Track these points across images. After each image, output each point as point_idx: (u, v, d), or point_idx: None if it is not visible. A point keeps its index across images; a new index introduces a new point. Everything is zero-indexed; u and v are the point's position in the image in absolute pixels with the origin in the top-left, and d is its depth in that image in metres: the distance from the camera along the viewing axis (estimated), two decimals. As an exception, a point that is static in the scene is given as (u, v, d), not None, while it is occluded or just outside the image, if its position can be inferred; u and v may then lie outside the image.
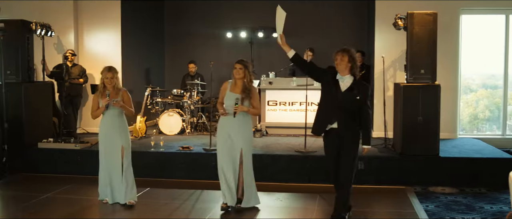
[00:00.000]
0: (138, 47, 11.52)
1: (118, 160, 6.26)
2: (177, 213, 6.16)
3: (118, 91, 6.32)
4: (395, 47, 9.23)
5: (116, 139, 6.25)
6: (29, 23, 8.83)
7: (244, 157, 6.00)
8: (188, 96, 10.36)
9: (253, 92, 5.99)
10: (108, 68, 6.30)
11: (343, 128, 5.35)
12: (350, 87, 5.31)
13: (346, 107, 5.31)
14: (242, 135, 5.99)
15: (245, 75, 5.92)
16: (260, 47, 12.64)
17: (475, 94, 10.37)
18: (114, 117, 6.28)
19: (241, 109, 5.87)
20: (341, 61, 5.29)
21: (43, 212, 6.20)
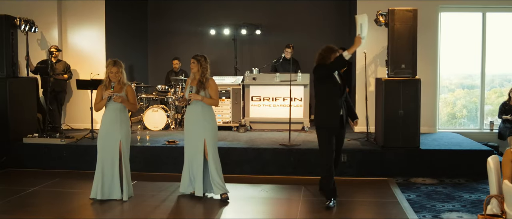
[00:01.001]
0: (121, 44, 11.53)
1: (116, 155, 6.26)
2: (165, 203, 6.26)
3: (123, 86, 6.33)
4: (376, 44, 9.42)
5: (116, 133, 6.25)
6: (13, 18, 8.83)
7: (208, 146, 6.29)
8: (172, 92, 10.44)
9: (209, 84, 6.37)
10: (113, 62, 6.31)
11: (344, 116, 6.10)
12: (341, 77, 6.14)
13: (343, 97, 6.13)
14: (203, 125, 6.32)
15: (198, 68, 6.33)
16: (243, 44, 12.76)
17: (453, 94, 10.63)
18: (115, 111, 6.28)
19: (194, 97, 6.27)
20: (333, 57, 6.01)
21: (30, 205, 6.25)
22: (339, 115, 5.99)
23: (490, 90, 10.36)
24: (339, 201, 6.29)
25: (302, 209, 5.98)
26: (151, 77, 13.14)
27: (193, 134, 6.34)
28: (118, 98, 6.22)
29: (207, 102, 6.33)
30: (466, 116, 10.46)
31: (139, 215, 5.79)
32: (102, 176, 6.27)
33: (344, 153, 7.64)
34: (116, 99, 6.21)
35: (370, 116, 8.90)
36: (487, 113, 10.24)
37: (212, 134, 6.36)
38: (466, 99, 10.46)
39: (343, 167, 7.61)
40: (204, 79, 6.32)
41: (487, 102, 10.28)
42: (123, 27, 11.68)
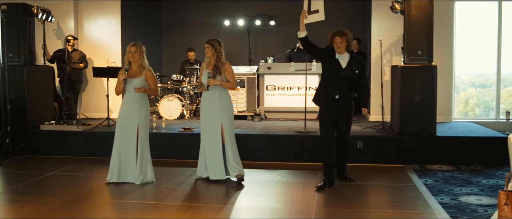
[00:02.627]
0: (136, 33, 11.56)
1: (133, 138, 6.26)
2: (182, 187, 6.29)
3: (142, 69, 6.31)
4: (392, 32, 9.38)
5: (134, 116, 6.26)
6: (30, 7, 8.91)
7: (225, 130, 6.31)
8: (187, 81, 10.47)
9: (225, 68, 6.37)
10: (133, 43, 6.32)
11: (343, 99, 5.99)
12: (349, 63, 5.99)
13: (347, 81, 5.99)
14: (220, 109, 6.33)
15: (213, 53, 6.32)
16: (257, 34, 12.77)
17: (465, 92, 10.54)
18: (135, 95, 6.27)
19: (213, 82, 6.27)
20: (341, 44, 5.94)
21: (48, 187, 6.34)
22: (330, 95, 5.96)
23: (503, 88, 10.20)
24: (354, 184, 6.29)
25: (319, 192, 5.96)
26: (166, 67, 13.20)
27: (210, 118, 6.34)
28: (140, 90, 6.22)
29: (225, 86, 6.35)
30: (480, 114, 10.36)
31: (156, 197, 5.82)
32: (119, 158, 6.30)
33: (360, 139, 7.63)
34: (138, 90, 6.21)
35: (386, 105, 8.86)
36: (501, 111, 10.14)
37: (229, 118, 6.38)
38: (479, 98, 10.38)
39: (358, 153, 7.61)
40: (220, 63, 6.31)
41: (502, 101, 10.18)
42: (138, 17, 11.75)
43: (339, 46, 5.94)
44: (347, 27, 12.00)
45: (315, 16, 6.07)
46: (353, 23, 12.33)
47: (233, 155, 6.35)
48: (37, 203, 5.57)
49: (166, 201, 5.65)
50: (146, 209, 5.35)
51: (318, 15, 6.09)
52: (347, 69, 5.96)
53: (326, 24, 12.29)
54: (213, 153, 6.35)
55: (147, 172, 6.39)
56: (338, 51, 5.97)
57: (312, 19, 6.05)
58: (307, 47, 6.18)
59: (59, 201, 5.63)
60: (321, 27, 6.42)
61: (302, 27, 6.00)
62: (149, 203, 5.57)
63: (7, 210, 5.50)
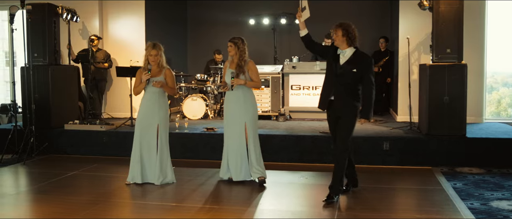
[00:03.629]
0: (161, 33, 11.56)
1: (153, 139, 6.21)
2: (203, 187, 6.20)
3: (161, 69, 6.26)
4: (420, 30, 9.14)
5: (154, 116, 6.20)
6: (55, 7, 8.95)
7: (248, 131, 6.17)
8: (211, 81, 10.40)
9: (249, 66, 6.22)
10: (153, 45, 6.24)
11: (339, 101, 5.42)
12: (348, 61, 5.37)
13: (343, 81, 5.37)
14: (244, 109, 6.19)
15: (235, 51, 6.18)
16: (283, 33, 12.62)
17: (497, 92, 10.21)
18: (154, 94, 6.22)
19: (237, 82, 6.12)
20: (336, 36, 5.41)
21: (69, 187, 6.33)
22: (326, 97, 5.49)
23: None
24: (380, 187, 6.11)
25: (344, 195, 5.79)
26: (191, 66, 13.17)
27: (234, 118, 6.22)
28: (158, 84, 6.15)
29: (249, 86, 6.21)
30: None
31: (177, 198, 5.74)
32: (140, 159, 6.24)
33: (386, 140, 7.42)
34: (156, 85, 6.15)
35: (414, 105, 8.62)
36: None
37: (253, 118, 6.24)
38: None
39: (384, 155, 7.40)
40: (243, 62, 6.18)
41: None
42: (163, 16, 11.73)
43: (335, 39, 5.40)
44: (375, 26, 11.98)
45: (305, 14, 5.76)
46: (381, 22, 12.14)
47: (255, 156, 6.22)
48: (57, 202, 5.56)
49: (187, 202, 5.55)
50: (166, 210, 5.26)
51: (306, 12, 5.77)
52: (345, 66, 5.36)
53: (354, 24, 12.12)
54: (237, 154, 6.22)
55: (167, 172, 6.32)
56: (337, 45, 5.43)
57: (304, 17, 5.74)
58: (309, 46, 5.76)
59: (79, 201, 5.60)
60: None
61: (301, 26, 5.67)
62: (169, 205, 5.49)
63: (28, 210, 5.53)
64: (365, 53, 5.51)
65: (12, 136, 8.22)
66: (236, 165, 6.25)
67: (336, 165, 5.47)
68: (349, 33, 5.34)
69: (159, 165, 6.21)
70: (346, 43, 5.37)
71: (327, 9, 12.16)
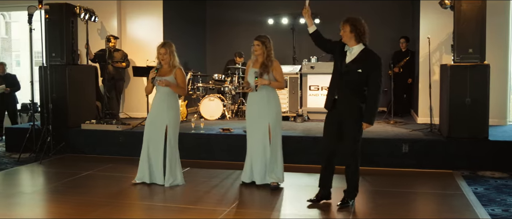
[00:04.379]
0: (179, 33, 11.54)
1: (161, 139, 6.13)
2: (216, 189, 6.11)
3: (172, 68, 6.16)
4: (441, 30, 8.92)
5: (163, 117, 6.12)
6: (73, 7, 8.96)
7: (272, 132, 6.00)
8: (229, 81, 10.32)
9: (274, 66, 6.01)
10: (162, 44, 6.18)
11: (343, 102, 5.09)
12: (355, 59, 5.04)
13: (348, 80, 5.04)
14: (268, 110, 6.00)
15: (263, 51, 5.95)
16: (302, 33, 12.44)
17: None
18: (163, 94, 6.14)
19: (261, 82, 5.91)
20: (343, 32, 5.06)
21: (84, 187, 6.31)
22: (330, 97, 5.17)
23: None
24: (397, 191, 5.95)
25: (360, 199, 5.65)
26: (209, 66, 13.13)
27: (257, 120, 6.04)
28: (162, 83, 6.05)
29: (274, 86, 6.01)
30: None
31: (190, 200, 5.65)
32: (148, 159, 6.19)
33: (405, 143, 7.25)
34: (160, 83, 6.05)
35: (434, 107, 8.42)
36: None
37: (277, 119, 6.05)
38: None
39: (403, 157, 7.23)
40: (269, 62, 5.98)
41: None
42: (181, 16, 11.70)
43: (342, 36, 5.05)
44: (395, 26, 11.76)
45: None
46: (401, 21, 11.95)
47: (277, 159, 6.05)
48: (69, 203, 5.54)
49: (200, 205, 5.48)
50: (178, 212, 5.19)
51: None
52: (350, 65, 5.03)
53: (375, 23, 11.97)
54: (261, 156, 6.04)
55: (177, 174, 6.23)
56: (344, 41, 5.08)
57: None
58: (318, 43, 5.43)
59: (92, 201, 5.56)
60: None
61: (309, 22, 5.34)
62: (182, 206, 5.40)
63: (41, 210, 5.52)
64: (374, 52, 5.12)
65: (30, 135, 8.27)
66: (260, 168, 6.07)
67: (347, 170, 5.24)
68: (358, 28, 5.00)
69: (169, 166, 6.13)
70: (354, 39, 5.03)
71: (348, 8, 11.98)
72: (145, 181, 6.20)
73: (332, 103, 5.16)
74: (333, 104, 5.16)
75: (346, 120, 5.09)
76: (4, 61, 10.61)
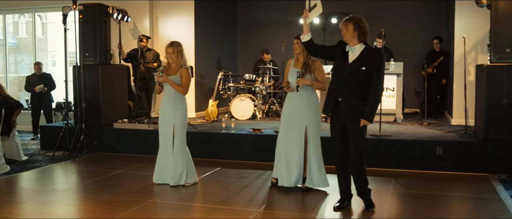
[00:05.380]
0: (210, 33, 11.59)
1: (169, 139, 6.13)
2: (246, 190, 6.09)
3: (179, 68, 6.13)
4: (477, 29, 8.71)
5: (170, 116, 6.11)
6: (106, 7, 9.07)
7: (309, 135, 5.85)
8: (260, 81, 10.30)
9: (315, 66, 5.84)
10: (170, 43, 6.15)
11: (347, 104, 4.96)
12: (358, 59, 4.91)
13: (353, 80, 4.91)
14: (307, 112, 5.84)
15: (303, 49, 5.75)
16: (334, 33, 12.29)
17: None
18: (170, 94, 6.12)
19: (303, 82, 5.75)
20: (346, 31, 4.90)
21: (114, 185, 6.36)
22: (332, 99, 5.02)
23: None
24: (431, 194, 5.80)
25: (392, 201, 5.56)
26: (240, 66, 13.13)
27: (294, 121, 5.88)
28: (160, 77, 6.01)
29: (315, 87, 5.85)
30: None
31: (220, 200, 5.64)
32: (159, 159, 6.24)
33: (439, 145, 7.08)
34: (158, 77, 6.01)
35: (470, 108, 8.23)
36: None
37: (316, 122, 5.89)
38: None
39: (438, 160, 7.07)
40: (310, 61, 5.84)
41: None
42: (212, 16, 11.73)
43: (344, 35, 4.91)
44: (428, 26, 11.55)
45: (316, 11, 5.30)
46: (435, 21, 11.70)
47: (316, 163, 5.91)
48: (100, 201, 5.59)
49: (230, 205, 5.46)
50: (207, 212, 5.19)
51: (317, 9, 5.30)
52: (354, 64, 4.89)
53: (407, 24, 11.80)
54: (293, 159, 5.92)
55: (183, 173, 6.17)
56: (346, 41, 4.93)
57: (314, 15, 5.32)
58: (313, 51, 5.34)
59: (122, 200, 5.60)
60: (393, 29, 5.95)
61: (305, 29, 5.19)
62: (212, 207, 5.38)
63: (71, 209, 5.59)
64: (376, 50, 5.06)
65: (64, 134, 8.40)
66: (291, 170, 5.96)
67: (355, 176, 5.14)
68: (361, 27, 4.86)
69: (174, 164, 6.12)
70: (357, 39, 4.89)
71: (380, 9, 11.86)
72: (154, 181, 6.28)
73: (334, 106, 5.04)
74: (334, 107, 5.04)
75: (350, 122, 4.98)
76: (40, 61, 10.80)
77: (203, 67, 11.15)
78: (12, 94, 12.33)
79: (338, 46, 5.06)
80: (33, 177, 7.03)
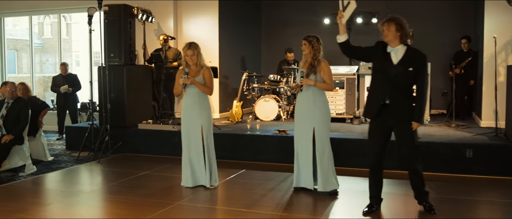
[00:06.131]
0: (234, 33, 11.54)
1: (199, 141, 6.09)
2: (272, 193, 6.01)
3: (200, 68, 6.09)
4: (508, 29, 8.52)
5: (196, 118, 6.06)
6: (131, 8, 9.08)
7: (317, 137, 5.80)
8: (284, 82, 10.22)
9: (321, 67, 5.81)
10: (188, 45, 6.07)
11: (395, 106, 4.83)
12: (403, 59, 4.80)
13: (400, 82, 4.80)
14: (314, 113, 5.81)
15: (310, 50, 5.80)
16: (359, 33, 12.20)
17: None
18: (194, 95, 6.07)
19: (306, 82, 5.75)
20: (388, 31, 4.78)
21: (140, 187, 6.33)
22: (378, 101, 4.88)
23: None
24: (460, 199, 5.67)
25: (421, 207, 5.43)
26: (264, 67, 13.06)
27: (302, 122, 5.90)
28: (187, 80, 5.95)
29: (320, 87, 5.82)
30: None
31: (246, 203, 5.58)
32: (189, 162, 6.15)
33: (469, 148, 6.92)
34: (186, 80, 5.95)
35: (500, 110, 8.04)
36: None
37: (323, 123, 5.85)
38: None
39: (467, 163, 6.91)
40: (316, 62, 5.82)
41: None
42: (236, 17, 11.69)
43: (386, 35, 4.78)
44: (456, 26, 11.34)
45: (350, 8, 5.19)
46: (462, 21, 11.49)
47: (326, 166, 5.84)
48: (125, 203, 5.57)
49: (256, 208, 5.39)
50: (233, 216, 5.14)
51: (351, 5, 5.19)
52: (400, 66, 4.78)
53: (435, 23, 11.60)
54: (305, 160, 5.91)
55: (216, 174, 6.19)
56: (387, 42, 4.82)
57: (349, 13, 5.19)
58: (350, 53, 5.26)
59: (147, 202, 5.57)
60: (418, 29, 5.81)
61: (342, 30, 5.06)
62: (238, 210, 5.33)
63: (97, 210, 5.58)
64: (419, 50, 4.92)
65: (89, 134, 8.43)
66: (306, 172, 5.93)
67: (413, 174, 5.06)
68: (404, 28, 4.78)
69: (208, 165, 6.09)
70: (399, 39, 4.80)
71: (405, 9, 11.66)
72: (188, 185, 6.17)
73: (379, 109, 4.92)
74: (380, 110, 4.91)
75: (400, 124, 4.87)
76: (66, 61, 10.87)
77: (227, 68, 11.10)
78: (37, 94, 12.48)
79: (377, 47, 4.94)
80: (59, 177, 7.06)
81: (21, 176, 6.97)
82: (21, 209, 5.37)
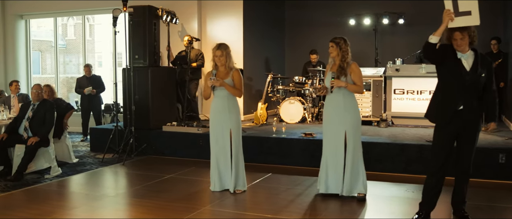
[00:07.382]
0: (259, 34, 11.44)
1: (227, 144, 5.98)
2: (299, 198, 5.88)
3: (229, 70, 5.97)
4: (542, 30, 8.28)
5: (225, 121, 5.95)
6: (156, 9, 9.03)
7: (349, 141, 5.66)
8: (309, 84, 10.08)
9: (351, 69, 5.71)
10: (217, 46, 5.98)
11: (468, 111, 4.74)
12: (474, 65, 4.73)
13: (475, 88, 4.74)
14: (344, 116, 5.68)
15: (338, 52, 5.69)
16: (385, 34, 12.02)
17: None
18: (223, 98, 5.96)
19: (337, 84, 5.62)
20: (462, 41, 4.73)
21: (165, 191, 6.25)
22: (452, 107, 4.76)
23: None
24: (493, 206, 5.49)
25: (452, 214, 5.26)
26: (288, 69, 12.94)
27: (332, 125, 5.75)
28: (217, 82, 5.84)
29: (351, 90, 5.69)
30: None
31: (273, 209, 5.45)
32: (217, 166, 6.05)
33: (502, 152, 6.71)
34: (215, 82, 5.83)
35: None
36: None
37: (354, 126, 5.71)
38: None
39: (501, 169, 6.70)
40: (345, 64, 5.69)
41: None
42: (260, 17, 11.61)
43: (460, 44, 4.72)
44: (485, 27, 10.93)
45: (466, 19, 4.85)
46: (492, 22, 11.18)
47: (357, 170, 5.72)
48: (150, 208, 5.50)
49: (283, 214, 5.25)
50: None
51: (469, 18, 4.86)
52: (472, 72, 4.71)
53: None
54: (335, 164, 5.76)
55: (244, 179, 6.09)
56: (459, 50, 4.75)
57: (462, 23, 4.82)
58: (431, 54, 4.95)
59: (173, 207, 5.50)
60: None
61: (440, 31, 4.82)
62: (265, 216, 5.21)
63: (122, 214, 5.51)
64: (485, 55, 4.89)
65: (113, 136, 8.40)
66: (335, 176, 5.79)
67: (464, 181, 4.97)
68: (473, 35, 4.81)
69: (235, 170, 5.99)
70: (468, 45, 4.79)
71: (433, 9, 11.40)
72: (216, 189, 6.08)
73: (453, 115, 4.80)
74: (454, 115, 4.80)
75: (469, 130, 4.81)
76: (89, 63, 10.89)
77: (251, 69, 11.01)
78: (61, 95, 12.55)
79: (448, 51, 4.85)
80: (84, 180, 7.03)
81: (46, 178, 6.96)
82: (47, 212, 5.35)
